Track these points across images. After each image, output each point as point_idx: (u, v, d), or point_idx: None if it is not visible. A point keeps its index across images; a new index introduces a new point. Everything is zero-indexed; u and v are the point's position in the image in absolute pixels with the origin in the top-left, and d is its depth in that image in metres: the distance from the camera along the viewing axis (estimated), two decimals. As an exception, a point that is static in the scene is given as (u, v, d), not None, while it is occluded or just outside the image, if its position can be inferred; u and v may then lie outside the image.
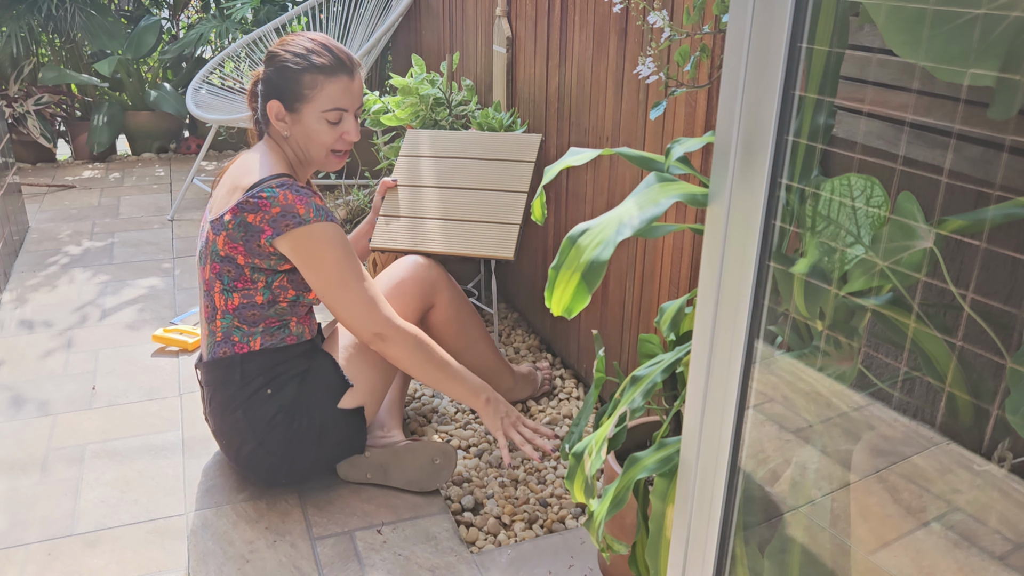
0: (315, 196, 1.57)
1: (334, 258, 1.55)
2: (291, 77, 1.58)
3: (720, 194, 0.71)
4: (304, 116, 1.60)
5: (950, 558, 0.73)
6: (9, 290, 2.67)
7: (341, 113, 1.62)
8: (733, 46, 0.67)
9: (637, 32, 1.67)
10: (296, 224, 1.52)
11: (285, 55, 1.60)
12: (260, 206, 1.52)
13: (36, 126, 3.85)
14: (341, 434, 1.66)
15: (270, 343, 1.62)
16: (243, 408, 1.60)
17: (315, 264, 1.54)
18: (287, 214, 1.52)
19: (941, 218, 0.78)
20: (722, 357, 0.75)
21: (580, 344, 2.14)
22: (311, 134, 1.61)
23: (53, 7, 3.74)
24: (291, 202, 1.52)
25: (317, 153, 1.64)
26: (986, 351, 0.89)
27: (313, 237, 1.53)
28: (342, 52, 1.62)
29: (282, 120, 1.61)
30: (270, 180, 1.54)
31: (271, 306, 1.61)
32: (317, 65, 1.58)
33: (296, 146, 1.64)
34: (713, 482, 0.79)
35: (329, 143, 1.63)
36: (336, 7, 3.42)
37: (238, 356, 1.61)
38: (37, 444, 1.86)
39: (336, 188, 3.62)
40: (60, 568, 1.50)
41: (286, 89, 1.59)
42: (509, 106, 2.36)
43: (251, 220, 1.52)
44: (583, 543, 1.59)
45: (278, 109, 1.60)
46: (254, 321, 1.61)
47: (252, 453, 1.61)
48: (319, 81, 1.58)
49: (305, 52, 1.59)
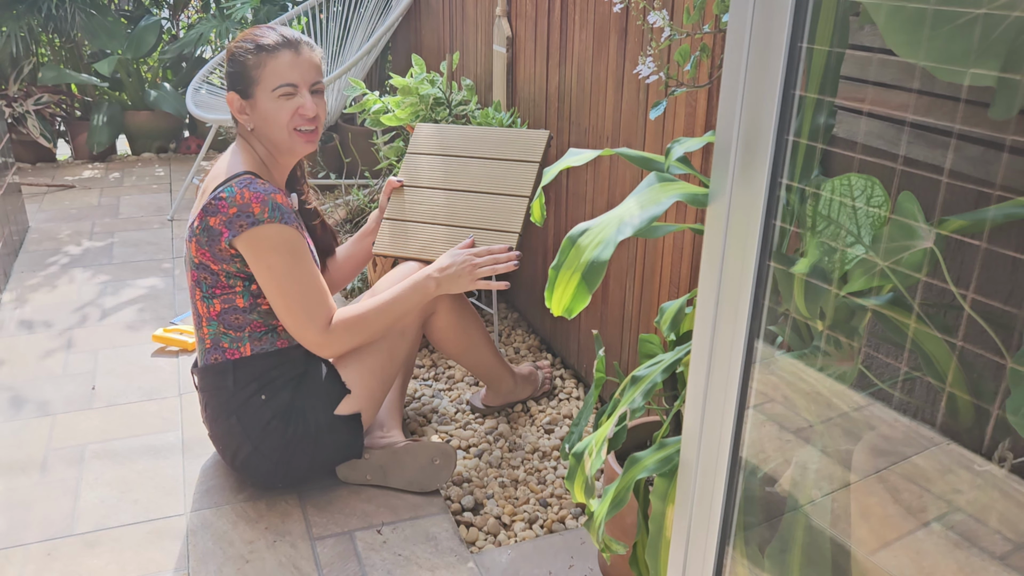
0: (277, 194, 1.53)
1: (275, 264, 1.52)
2: (240, 64, 1.58)
3: (720, 194, 0.71)
4: (258, 100, 1.58)
5: (950, 558, 0.73)
6: (9, 290, 2.67)
7: (291, 88, 1.58)
8: (733, 46, 0.67)
9: (637, 32, 1.67)
10: (250, 224, 1.50)
11: (234, 47, 1.61)
12: (219, 207, 1.51)
13: (36, 126, 3.85)
14: (338, 440, 1.65)
15: (260, 348, 1.61)
16: (237, 414, 1.60)
17: (259, 268, 1.53)
18: (242, 213, 1.50)
19: (941, 218, 0.78)
20: (722, 357, 0.75)
21: (580, 344, 2.14)
22: (268, 116, 1.59)
23: (53, 7, 3.74)
24: (247, 200, 1.50)
25: (279, 135, 1.61)
26: (986, 351, 0.88)
27: (261, 239, 1.51)
28: (286, 31, 1.61)
29: (243, 112, 1.60)
30: (231, 180, 1.53)
31: (252, 310, 1.60)
32: (261, 45, 1.58)
33: (262, 136, 1.62)
34: (713, 482, 0.79)
35: (286, 120, 1.59)
36: (336, 7, 3.42)
37: (230, 362, 1.60)
38: (37, 444, 1.86)
39: (336, 188, 3.62)
40: (60, 568, 1.50)
41: (238, 78, 1.59)
42: (509, 106, 2.36)
43: (212, 223, 1.52)
44: (583, 543, 1.59)
45: (237, 101, 1.60)
46: (239, 326, 1.60)
47: (248, 458, 1.61)
48: (263, 60, 1.57)
49: (250, 37, 1.59)
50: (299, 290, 1.55)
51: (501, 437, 1.94)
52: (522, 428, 1.97)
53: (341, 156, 3.68)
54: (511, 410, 2.05)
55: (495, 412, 2.03)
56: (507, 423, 1.99)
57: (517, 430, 1.97)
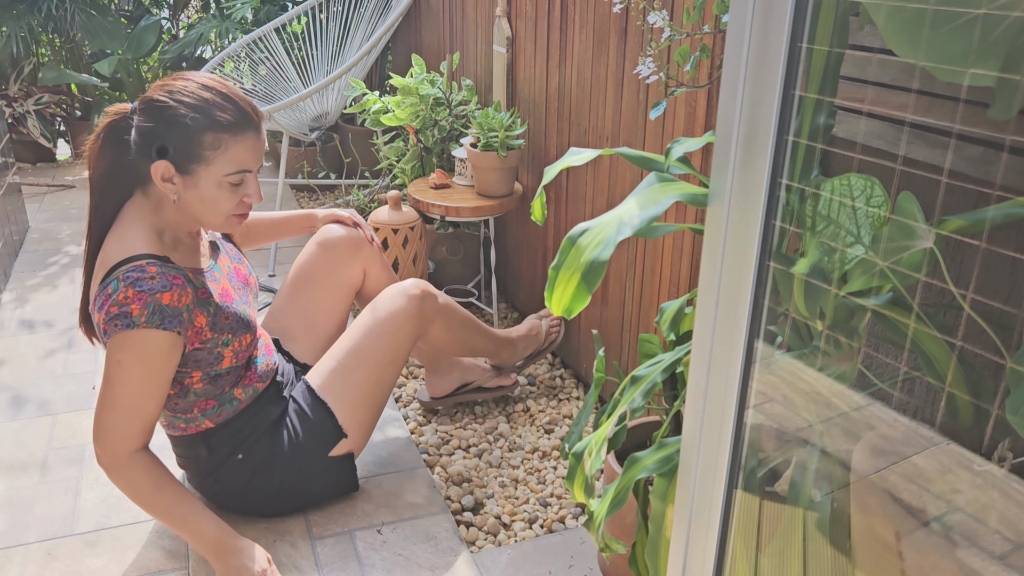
0: (166, 292, 1.31)
1: (126, 366, 1.32)
2: (186, 136, 1.31)
3: (720, 194, 0.71)
4: (201, 180, 1.34)
5: (950, 558, 0.73)
6: (9, 290, 2.67)
7: (245, 175, 1.38)
8: (733, 46, 0.67)
9: (637, 32, 1.67)
10: (125, 326, 1.30)
11: (177, 107, 1.31)
12: (103, 304, 1.32)
13: (36, 126, 3.85)
14: (330, 481, 1.61)
15: (222, 419, 1.50)
16: (215, 475, 1.53)
17: (110, 361, 1.33)
18: (121, 315, 1.30)
19: (941, 218, 0.78)
20: (722, 357, 0.75)
21: (580, 344, 2.14)
22: (208, 200, 1.36)
23: (53, 7, 3.74)
24: (129, 300, 1.30)
25: (213, 220, 1.40)
26: (986, 351, 0.89)
27: (129, 340, 1.31)
28: (246, 102, 1.36)
29: (170, 181, 1.35)
30: (122, 266, 1.32)
31: (187, 393, 1.45)
32: (221, 122, 1.32)
33: (186, 211, 1.39)
34: (713, 482, 0.79)
35: (229, 210, 1.39)
36: (336, 7, 3.42)
37: (199, 434, 1.50)
38: (37, 444, 1.86)
39: (336, 188, 3.62)
40: (60, 568, 1.50)
41: (179, 149, 1.32)
42: (509, 106, 2.36)
43: (98, 320, 1.34)
44: (583, 543, 1.59)
45: (166, 170, 1.33)
46: (186, 409, 1.47)
47: (239, 506, 1.58)
48: (223, 141, 1.33)
49: (204, 105, 1.32)
50: (128, 402, 1.34)
51: (501, 437, 1.94)
52: (522, 428, 1.98)
53: (341, 156, 3.68)
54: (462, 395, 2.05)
55: (441, 405, 2.01)
56: (507, 423, 1.99)
57: (517, 430, 1.97)
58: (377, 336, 1.62)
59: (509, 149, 2.16)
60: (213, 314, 1.41)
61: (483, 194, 2.26)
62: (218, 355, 1.44)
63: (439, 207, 2.21)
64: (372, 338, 1.62)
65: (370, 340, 1.62)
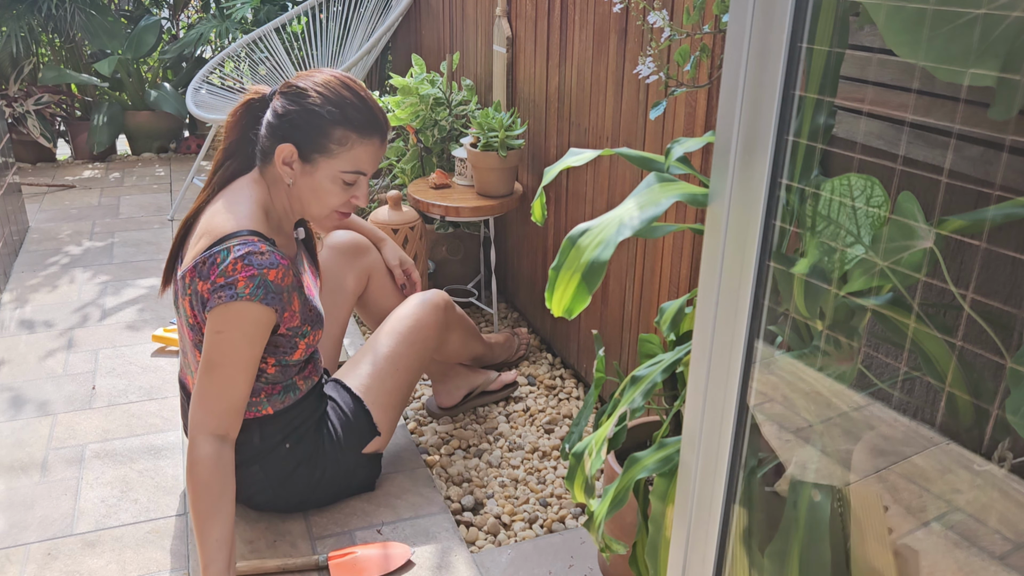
0: (273, 269, 1.34)
1: (224, 340, 1.34)
2: (319, 125, 1.38)
3: (720, 194, 0.71)
4: (319, 170, 1.40)
5: (950, 558, 0.73)
6: (9, 290, 2.67)
7: (360, 176, 1.43)
8: (733, 46, 0.67)
9: (637, 32, 1.67)
10: (229, 298, 1.32)
11: (316, 97, 1.38)
12: (209, 273, 1.34)
13: (36, 126, 3.85)
14: (360, 477, 1.66)
15: (283, 405, 1.52)
16: (260, 463, 1.53)
17: (209, 331, 1.35)
18: (227, 285, 1.32)
19: (941, 218, 0.78)
20: (722, 357, 0.75)
21: (580, 344, 2.14)
22: (319, 192, 1.42)
23: (53, 7, 3.74)
24: (238, 271, 1.32)
25: (318, 211, 1.45)
26: (986, 351, 0.89)
27: (231, 312, 1.33)
28: (379, 110, 1.43)
29: (289, 165, 1.41)
30: (233, 238, 1.35)
31: (260, 376, 1.47)
32: (353, 121, 1.39)
33: (295, 198, 1.45)
34: (713, 482, 0.79)
35: (336, 205, 1.44)
36: (336, 7, 3.42)
37: (256, 420, 1.50)
38: (37, 444, 1.86)
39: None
40: (60, 568, 1.50)
41: (308, 137, 1.38)
42: (509, 106, 2.36)
43: (200, 289, 1.36)
44: (583, 543, 1.59)
45: (289, 154, 1.39)
46: (255, 392, 1.48)
47: (267, 501, 1.59)
48: (350, 139, 1.39)
49: (341, 101, 1.39)
50: (225, 373, 1.35)
51: (501, 437, 1.94)
52: (522, 428, 1.98)
53: (341, 156, 3.68)
54: (472, 400, 2.05)
55: (453, 413, 2.04)
56: (507, 423, 1.99)
57: (517, 430, 1.97)
58: (411, 344, 1.71)
59: (509, 149, 2.16)
60: (303, 303, 1.46)
61: (483, 194, 2.26)
62: (294, 344, 1.47)
63: (439, 207, 2.21)
64: (407, 346, 1.71)
65: (406, 347, 1.70)
